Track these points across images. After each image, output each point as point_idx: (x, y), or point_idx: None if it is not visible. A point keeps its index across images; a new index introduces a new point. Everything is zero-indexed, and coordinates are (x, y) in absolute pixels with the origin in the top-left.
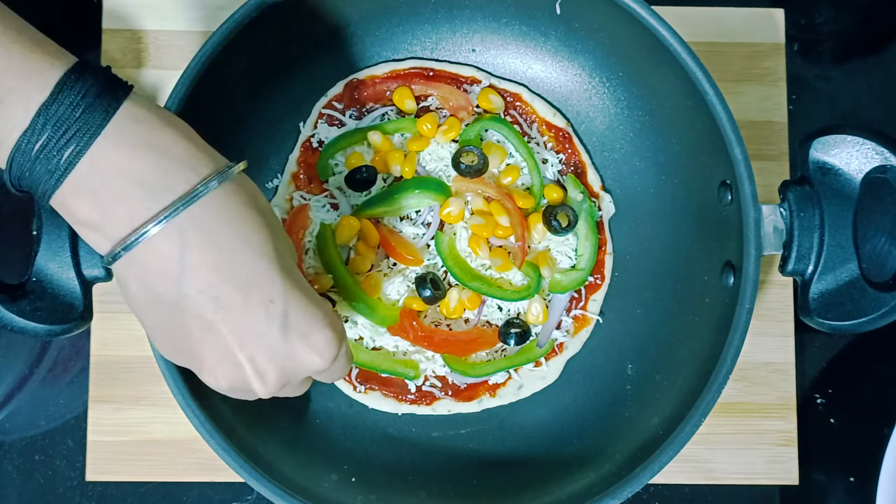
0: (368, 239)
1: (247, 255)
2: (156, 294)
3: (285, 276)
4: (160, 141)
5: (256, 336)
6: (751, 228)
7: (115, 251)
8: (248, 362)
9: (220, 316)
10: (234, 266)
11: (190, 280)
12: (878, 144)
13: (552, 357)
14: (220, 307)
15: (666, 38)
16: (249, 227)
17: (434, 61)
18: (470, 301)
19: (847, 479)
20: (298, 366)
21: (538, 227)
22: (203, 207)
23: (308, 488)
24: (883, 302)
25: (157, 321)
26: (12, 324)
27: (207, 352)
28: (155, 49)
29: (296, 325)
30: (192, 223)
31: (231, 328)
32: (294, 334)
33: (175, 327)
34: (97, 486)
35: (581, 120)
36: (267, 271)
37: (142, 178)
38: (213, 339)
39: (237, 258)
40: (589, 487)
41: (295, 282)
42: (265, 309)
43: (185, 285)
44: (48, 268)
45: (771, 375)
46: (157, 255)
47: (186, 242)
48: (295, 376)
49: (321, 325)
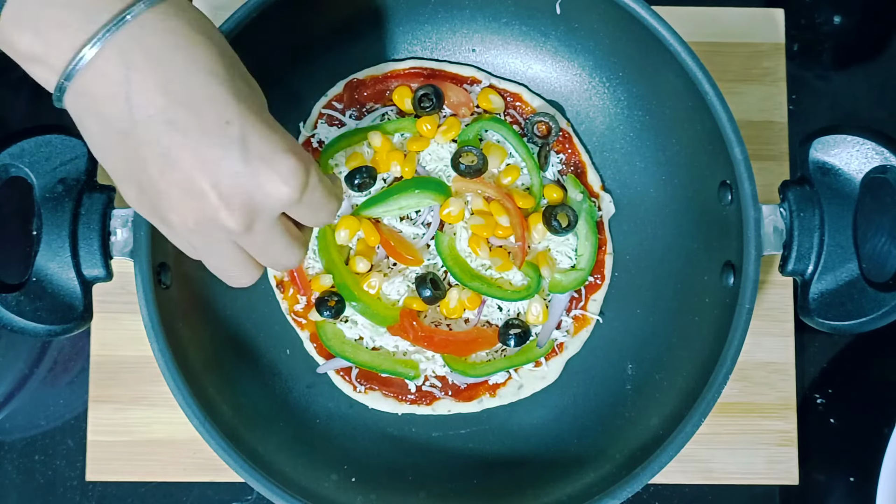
0: (368, 239)
1: (195, 75)
2: (109, 124)
3: (240, 99)
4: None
5: (216, 159)
6: (751, 228)
7: (61, 82)
8: (212, 189)
9: (175, 140)
10: (184, 87)
11: (138, 104)
12: (878, 144)
13: (552, 357)
14: (175, 131)
15: (666, 38)
16: (196, 48)
17: (434, 61)
18: (470, 301)
19: (847, 479)
20: (265, 194)
21: (538, 227)
22: (143, 27)
23: (308, 488)
24: (883, 302)
25: (118, 160)
26: (12, 324)
27: (169, 184)
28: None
29: (256, 149)
30: (134, 43)
31: (189, 153)
32: (255, 159)
33: (135, 162)
34: (97, 486)
35: (581, 120)
36: (220, 92)
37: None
38: (173, 169)
39: (186, 79)
40: (589, 487)
41: (250, 106)
42: (222, 130)
43: (134, 110)
44: (48, 268)
45: (771, 375)
46: (102, 80)
47: (130, 62)
48: (263, 207)
49: (283, 149)
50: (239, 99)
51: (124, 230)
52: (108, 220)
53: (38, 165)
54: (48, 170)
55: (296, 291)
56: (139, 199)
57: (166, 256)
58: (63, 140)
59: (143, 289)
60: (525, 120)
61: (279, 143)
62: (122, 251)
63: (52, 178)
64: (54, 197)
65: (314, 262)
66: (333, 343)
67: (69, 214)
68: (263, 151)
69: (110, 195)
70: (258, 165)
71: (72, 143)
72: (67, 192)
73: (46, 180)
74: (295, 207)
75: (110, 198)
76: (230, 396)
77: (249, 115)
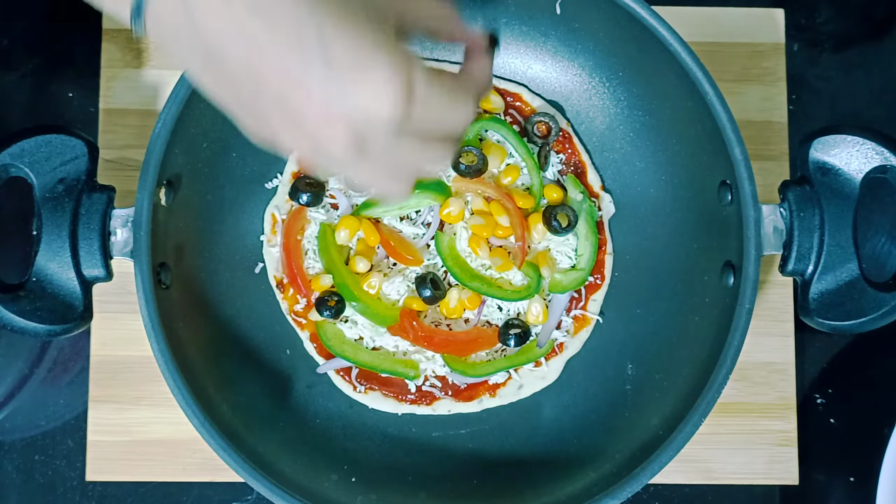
0: (368, 239)
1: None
2: (187, 46)
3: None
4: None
5: (299, 72)
6: (751, 228)
7: (133, 13)
8: (306, 107)
9: (252, 52)
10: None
11: (201, 18)
12: (878, 144)
13: (552, 357)
14: (247, 41)
15: (666, 38)
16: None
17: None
18: (470, 301)
19: (847, 479)
20: (362, 114)
21: (538, 227)
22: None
23: (308, 488)
24: (883, 302)
25: (211, 83)
26: (12, 324)
27: (266, 105)
28: (155, 49)
29: (339, 59)
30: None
31: (270, 66)
32: (339, 70)
33: (228, 83)
34: (97, 486)
35: (581, 120)
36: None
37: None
38: (262, 86)
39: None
40: (589, 487)
41: (329, 7)
42: (295, 39)
43: (198, 25)
44: (48, 268)
45: (771, 375)
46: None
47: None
48: (366, 126)
49: (371, 55)
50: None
51: (124, 230)
52: (108, 220)
53: (38, 165)
54: (48, 170)
55: (296, 292)
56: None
57: (166, 256)
58: (63, 140)
59: (143, 289)
60: (525, 120)
61: (363, 45)
62: (122, 251)
63: (52, 178)
64: (54, 197)
65: (314, 262)
66: (333, 343)
67: (69, 214)
68: (347, 61)
69: (110, 195)
70: (344, 79)
71: (72, 142)
72: (67, 192)
73: (46, 180)
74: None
75: (110, 198)
76: (230, 396)
77: (326, 15)
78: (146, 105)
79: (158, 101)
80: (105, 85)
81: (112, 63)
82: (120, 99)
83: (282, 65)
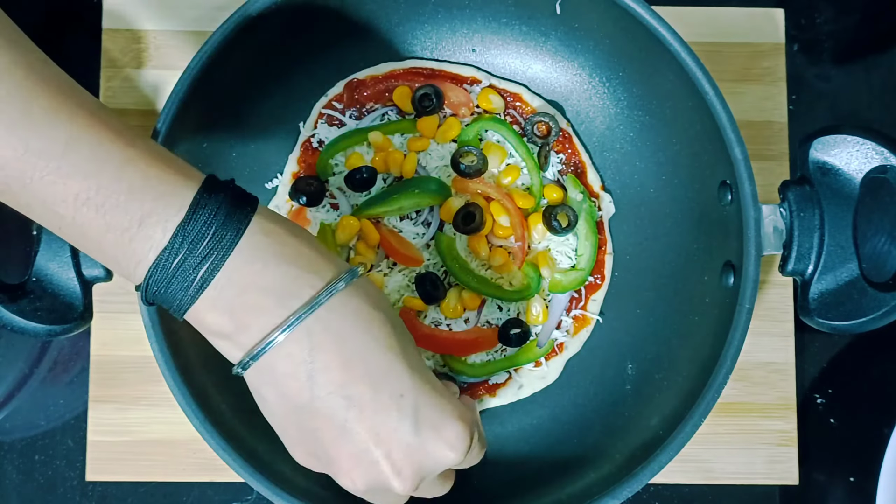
0: (368, 239)
1: (374, 352)
2: (288, 398)
3: (413, 370)
4: (288, 251)
5: (390, 431)
6: (751, 228)
7: (245, 360)
8: (385, 459)
9: (352, 414)
10: (363, 364)
11: (320, 381)
12: (878, 144)
13: (552, 357)
14: (352, 405)
15: (666, 38)
16: (374, 325)
17: (434, 61)
18: (470, 301)
19: (847, 479)
20: (433, 461)
21: (538, 227)
22: (329, 310)
23: (308, 488)
24: (883, 302)
25: (291, 427)
26: (12, 324)
27: (343, 454)
28: (155, 49)
29: (427, 419)
30: (320, 325)
31: (365, 426)
32: (426, 428)
33: (309, 431)
34: (97, 486)
35: (581, 120)
36: (395, 367)
37: (272, 288)
38: (348, 439)
39: (365, 356)
40: (589, 487)
41: (421, 375)
42: (396, 404)
43: (316, 387)
44: (48, 268)
45: (771, 375)
46: (287, 359)
47: (315, 344)
48: (430, 471)
49: (452, 417)
50: (412, 370)
51: None
52: None
53: None
54: None
55: None
56: (308, 461)
57: None
58: None
59: None
60: (525, 120)
61: (447, 409)
62: None
63: None
64: None
65: None
66: None
67: None
68: (434, 420)
69: None
70: (428, 435)
71: None
72: None
73: None
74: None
75: None
76: (230, 396)
77: (421, 384)
78: (146, 105)
79: (158, 101)
80: (105, 85)
81: (112, 63)
82: (120, 99)
83: (376, 424)
